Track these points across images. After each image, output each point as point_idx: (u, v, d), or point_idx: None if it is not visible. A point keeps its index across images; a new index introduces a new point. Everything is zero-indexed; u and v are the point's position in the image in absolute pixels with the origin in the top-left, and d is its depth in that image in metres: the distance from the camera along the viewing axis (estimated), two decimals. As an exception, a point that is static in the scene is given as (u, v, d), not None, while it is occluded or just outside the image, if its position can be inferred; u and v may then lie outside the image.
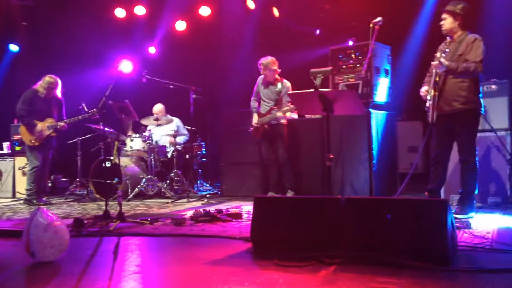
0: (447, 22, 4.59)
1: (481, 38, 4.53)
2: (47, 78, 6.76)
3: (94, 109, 6.65)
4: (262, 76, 6.52)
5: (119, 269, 3.10)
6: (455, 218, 3.76)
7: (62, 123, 6.76)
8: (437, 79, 4.59)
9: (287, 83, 6.41)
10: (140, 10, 9.14)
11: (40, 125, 6.66)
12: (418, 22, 7.45)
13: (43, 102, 6.75)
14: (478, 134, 4.77)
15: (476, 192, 4.63)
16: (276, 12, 8.73)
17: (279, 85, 6.37)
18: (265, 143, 6.53)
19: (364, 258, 2.98)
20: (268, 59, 6.37)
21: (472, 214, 4.52)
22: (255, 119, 6.51)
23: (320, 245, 3.17)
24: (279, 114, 6.18)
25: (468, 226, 3.90)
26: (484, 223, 4.18)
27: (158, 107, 7.94)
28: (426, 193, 4.77)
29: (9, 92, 7.66)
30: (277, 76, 6.43)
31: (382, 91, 6.13)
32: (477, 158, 4.61)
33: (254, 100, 6.65)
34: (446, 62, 4.44)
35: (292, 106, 5.96)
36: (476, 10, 5.37)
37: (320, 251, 3.11)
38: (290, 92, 6.04)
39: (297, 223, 3.35)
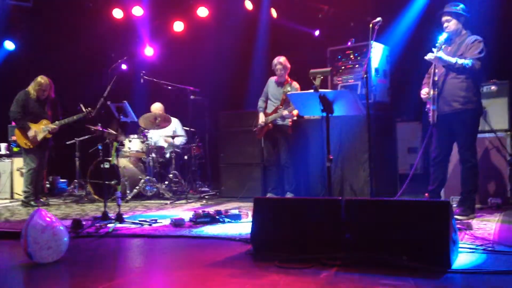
0: (452, 24, 4.58)
1: (482, 39, 4.53)
2: (38, 79, 6.67)
3: (89, 108, 6.60)
4: (273, 77, 6.50)
5: (118, 271, 3.08)
6: (456, 219, 3.75)
7: (53, 126, 6.65)
8: (435, 78, 4.58)
9: (296, 85, 6.37)
10: (137, 11, 9.12)
11: (34, 128, 6.59)
12: (417, 22, 7.44)
13: (36, 103, 6.69)
14: (478, 135, 4.76)
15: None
16: (274, 13, 8.71)
17: (287, 87, 6.32)
18: (268, 144, 6.51)
19: (365, 259, 2.96)
20: (284, 58, 6.39)
21: (472, 215, 4.51)
22: (261, 118, 6.48)
23: (321, 247, 3.15)
24: (285, 112, 6.16)
25: (469, 227, 3.89)
26: (485, 225, 4.16)
27: (157, 106, 7.89)
28: (426, 194, 4.76)
29: (6, 92, 7.62)
30: (287, 76, 6.42)
31: (381, 91, 6.12)
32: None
33: (262, 100, 6.61)
34: (445, 56, 4.43)
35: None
36: (475, 9, 5.37)
37: (321, 253, 3.09)
38: (289, 93, 6.01)
39: (297, 225, 3.33)
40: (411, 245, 2.92)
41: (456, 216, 4.09)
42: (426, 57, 4.52)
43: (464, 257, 3.08)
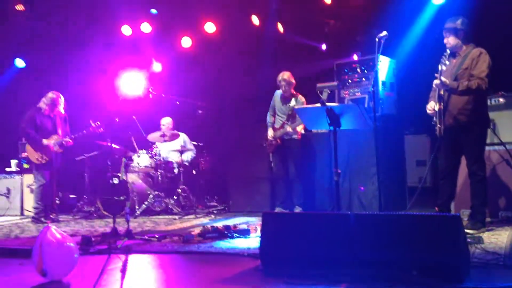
0: (451, 40, 4.62)
1: (486, 51, 4.54)
2: (50, 95, 6.78)
3: (98, 122, 6.67)
4: (279, 91, 6.53)
5: (128, 287, 3.08)
6: (467, 233, 3.71)
7: (68, 139, 6.77)
8: (441, 92, 4.59)
9: (302, 99, 6.40)
10: (146, 28, 9.24)
11: (45, 143, 6.67)
12: (423, 35, 7.45)
13: (47, 119, 6.77)
14: (487, 148, 4.74)
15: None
16: (280, 28, 8.78)
17: (293, 101, 6.37)
18: (276, 158, 6.52)
19: (375, 275, 2.94)
20: (288, 73, 6.40)
21: (483, 229, 4.47)
22: (270, 133, 6.51)
23: (330, 262, 3.13)
24: (289, 129, 6.19)
25: (480, 241, 3.84)
26: (496, 238, 4.12)
27: (166, 120, 7.94)
28: (436, 208, 4.73)
29: (17, 109, 7.71)
30: (293, 90, 6.45)
31: (388, 104, 6.12)
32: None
33: (270, 115, 6.65)
34: (447, 82, 4.46)
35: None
36: (481, 21, 5.38)
37: (330, 268, 3.08)
38: (297, 107, 6.04)
39: (306, 240, 3.32)
40: (421, 260, 2.90)
41: (466, 230, 4.05)
42: (434, 83, 4.56)
43: (475, 272, 3.04)
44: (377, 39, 4.67)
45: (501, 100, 5.37)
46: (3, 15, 8.72)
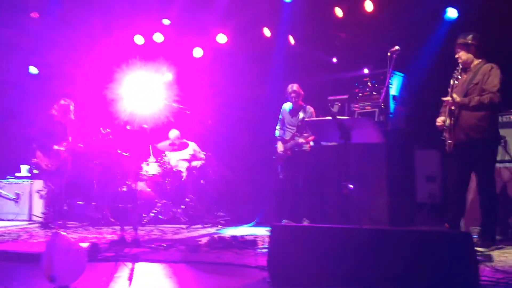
0: (462, 55, 4.62)
1: (498, 66, 4.52)
2: (61, 102, 6.88)
3: (108, 129, 6.72)
4: (287, 104, 6.56)
5: (135, 296, 3.08)
6: (476, 251, 3.67)
7: (78, 146, 6.82)
8: (452, 107, 4.57)
9: (310, 109, 6.45)
10: (158, 38, 9.33)
11: (56, 149, 6.72)
12: (434, 49, 7.44)
13: (58, 126, 6.84)
14: (498, 165, 4.69)
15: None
16: (292, 40, 8.82)
17: (301, 114, 6.41)
18: (285, 170, 6.51)
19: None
20: (296, 85, 6.45)
21: (493, 247, 4.41)
22: (280, 146, 6.52)
23: (338, 276, 3.11)
24: (300, 140, 6.20)
25: (489, 259, 3.80)
26: (506, 257, 4.06)
27: (173, 133, 7.97)
28: (446, 224, 4.68)
29: (28, 115, 7.79)
30: (301, 102, 6.49)
31: (399, 119, 6.11)
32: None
33: (279, 127, 6.68)
34: (458, 99, 4.45)
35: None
36: (494, 37, 5.36)
37: (338, 282, 3.05)
38: (307, 119, 6.05)
39: (314, 253, 3.29)
40: (431, 277, 2.87)
41: (476, 248, 4.01)
42: (443, 99, 4.54)
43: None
44: (389, 54, 4.68)
45: (512, 117, 5.34)
46: (18, 23, 8.85)
